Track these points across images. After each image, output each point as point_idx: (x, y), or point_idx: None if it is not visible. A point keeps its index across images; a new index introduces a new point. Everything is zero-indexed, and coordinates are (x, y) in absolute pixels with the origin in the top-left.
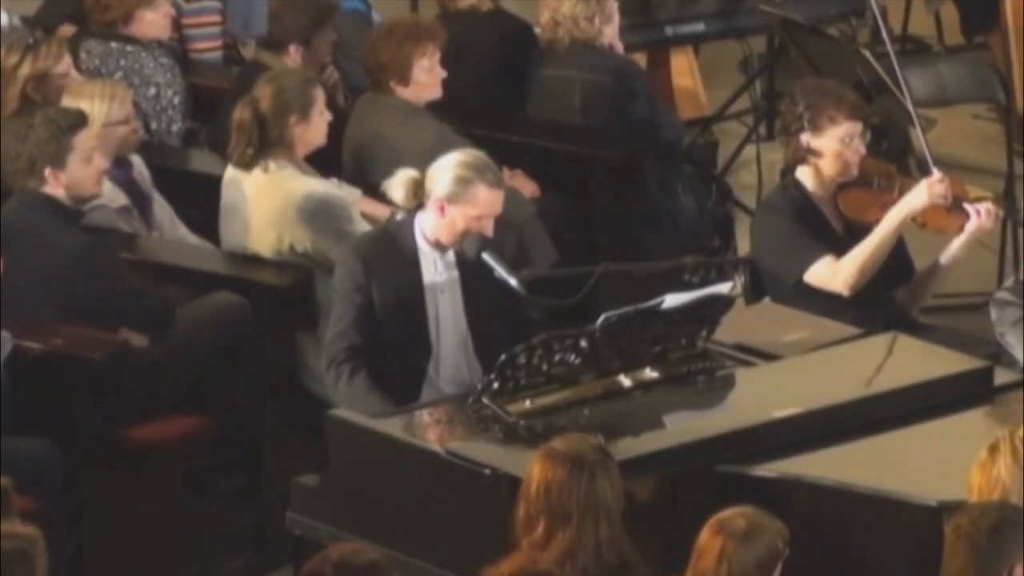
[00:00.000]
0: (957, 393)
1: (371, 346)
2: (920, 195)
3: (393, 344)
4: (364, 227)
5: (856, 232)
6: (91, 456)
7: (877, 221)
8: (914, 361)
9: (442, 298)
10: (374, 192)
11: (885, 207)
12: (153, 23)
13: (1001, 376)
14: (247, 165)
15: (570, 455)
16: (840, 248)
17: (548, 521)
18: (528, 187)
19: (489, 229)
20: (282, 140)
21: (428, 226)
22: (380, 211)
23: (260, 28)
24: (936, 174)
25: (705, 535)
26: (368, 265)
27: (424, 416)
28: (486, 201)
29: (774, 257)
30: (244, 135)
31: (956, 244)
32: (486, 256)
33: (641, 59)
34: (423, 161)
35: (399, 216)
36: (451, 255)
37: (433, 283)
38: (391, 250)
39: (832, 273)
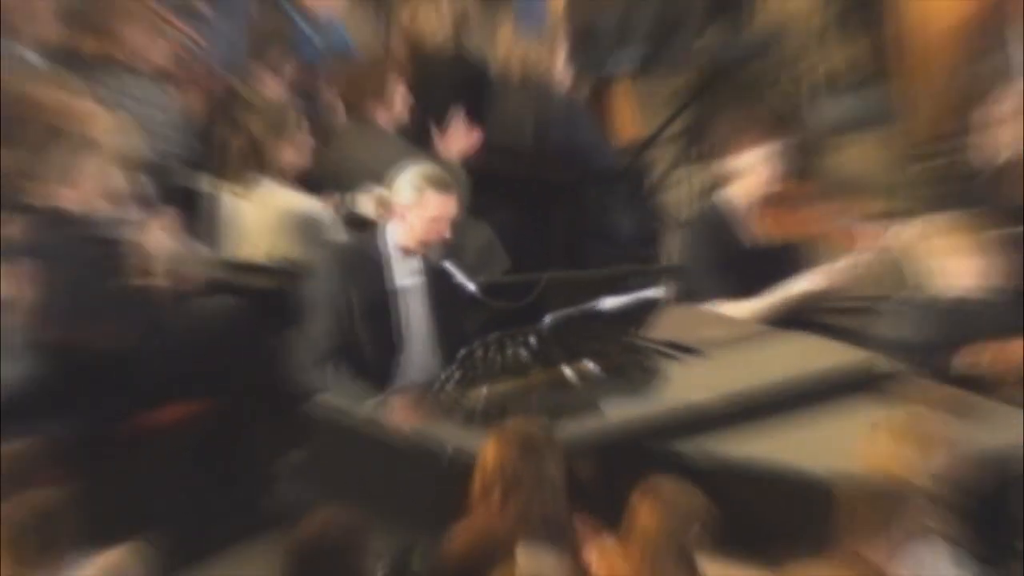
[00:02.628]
0: (845, 381)
1: (350, 342)
2: (819, 279)
3: (367, 341)
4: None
5: (766, 248)
6: (109, 435)
7: (793, 237)
8: (811, 353)
9: (411, 300)
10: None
11: (800, 224)
12: None
13: (882, 366)
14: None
15: (520, 437)
16: (750, 262)
17: (502, 493)
18: (466, 138)
19: (445, 231)
20: (272, 162)
21: (395, 234)
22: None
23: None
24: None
25: (636, 499)
26: (344, 272)
27: (396, 402)
28: (437, 204)
29: (696, 270)
30: (240, 159)
31: (835, 271)
32: (447, 264)
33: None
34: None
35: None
36: (417, 262)
37: (403, 287)
38: (363, 258)
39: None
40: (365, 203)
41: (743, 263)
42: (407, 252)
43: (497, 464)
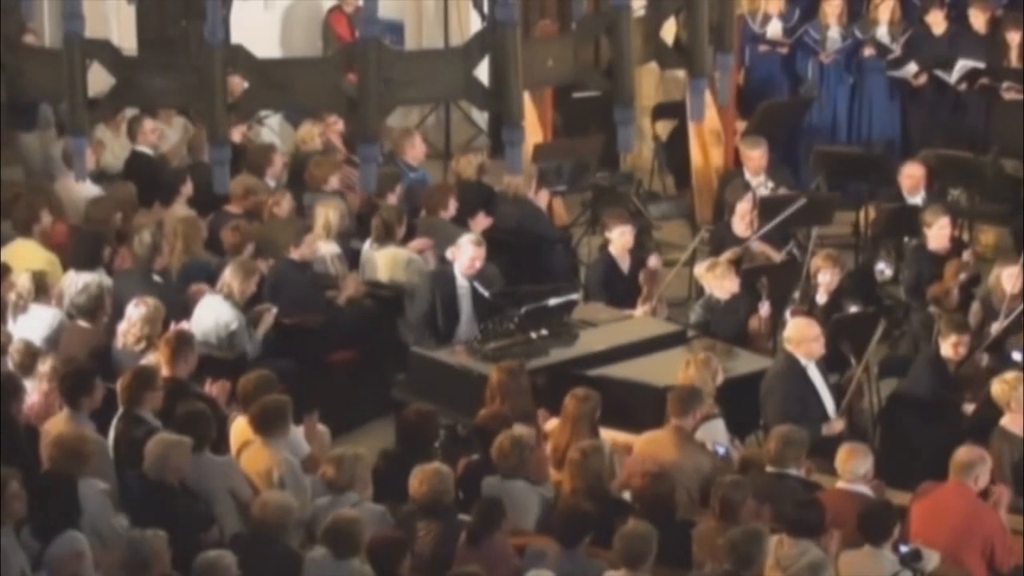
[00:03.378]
0: (671, 340)
1: (434, 319)
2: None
3: (444, 319)
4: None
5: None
6: (313, 367)
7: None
8: (653, 326)
9: (464, 301)
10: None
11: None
12: None
13: (689, 334)
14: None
15: (507, 369)
16: (626, 279)
17: (500, 399)
18: (484, 223)
19: (476, 265)
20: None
21: (458, 266)
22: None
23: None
24: None
25: (567, 400)
26: (434, 283)
27: (450, 350)
28: (470, 251)
29: (594, 287)
30: (382, 232)
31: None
32: (475, 284)
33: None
34: (451, 240)
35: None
36: (467, 281)
37: (461, 292)
38: (445, 277)
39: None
40: (450, 251)
41: (618, 282)
42: (463, 276)
43: (496, 383)
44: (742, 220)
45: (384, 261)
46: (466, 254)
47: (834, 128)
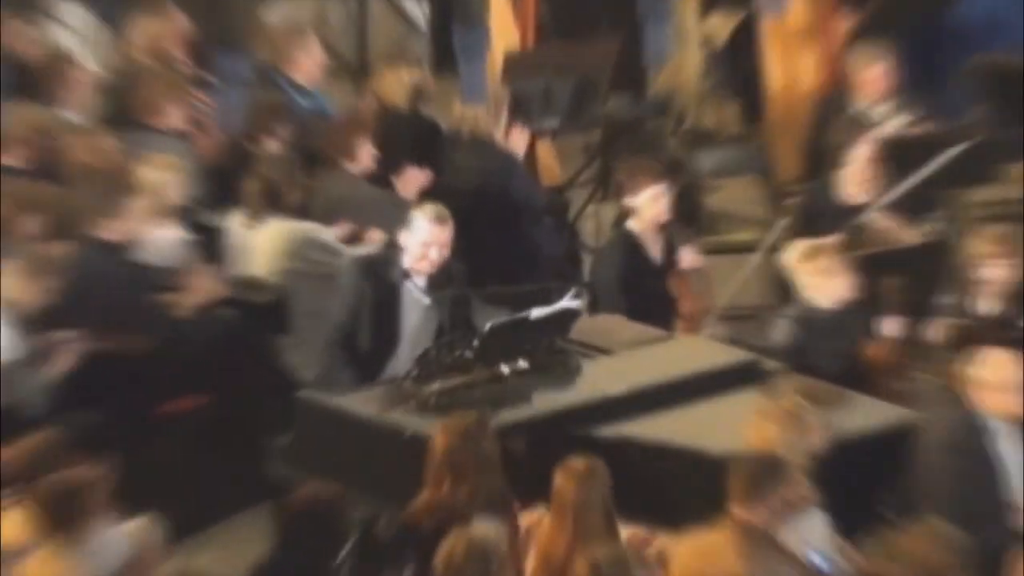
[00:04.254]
0: (735, 376)
1: (352, 336)
2: None
3: (368, 338)
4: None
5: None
6: (134, 423)
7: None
8: (707, 353)
9: (412, 306)
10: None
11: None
12: None
13: (766, 366)
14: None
15: (460, 428)
16: (657, 274)
17: (451, 477)
18: (418, 181)
19: (435, 255)
20: (277, 200)
21: (406, 257)
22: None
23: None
24: None
25: (558, 476)
26: (361, 276)
27: (366, 395)
28: (428, 231)
29: (606, 285)
30: (254, 199)
31: None
32: (408, 283)
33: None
34: (367, 211)
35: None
36: (419, 281)
37: (407, 297)
38: (381, 270)
39: None
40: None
41: (646, 279)
42: (411, 273)
43: (444, 453)
44: (855, 178)
45: (265, 245)
46: (417, 237)
47: (993, 29)
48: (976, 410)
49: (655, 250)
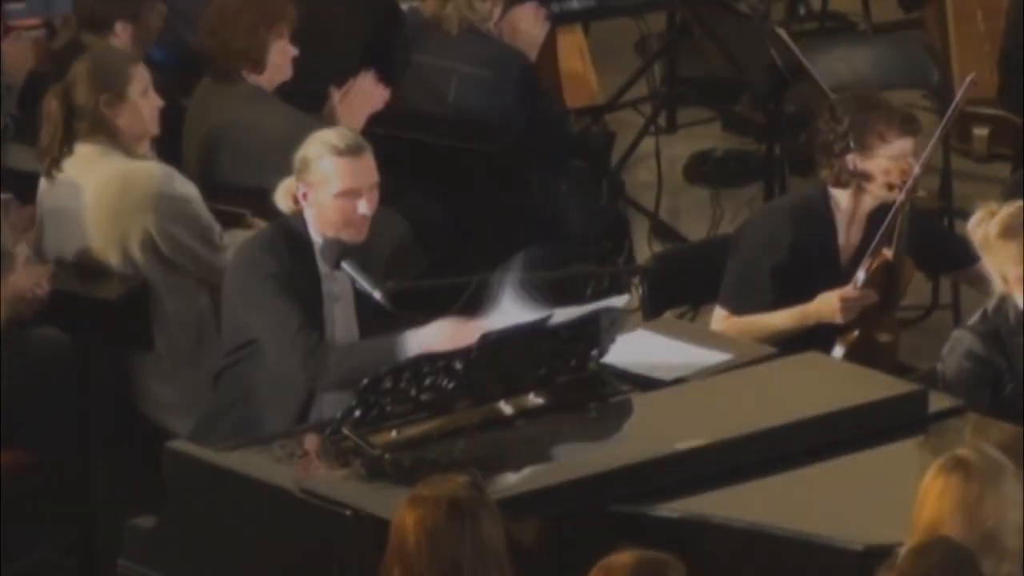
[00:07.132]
0: (887, 421)
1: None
2: (832, 312)
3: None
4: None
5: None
6: None
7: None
8: (838, 384)
9: (336, 306)
10: (222, 193)
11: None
12: None
13: (937, 402)
14: (57, 162)
15: (443, 500)
16: (838, 279)
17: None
18: (370, 99)
19: (364, 207)
20: (101, 126)
21: (311, 225)
22: None
23: (63, 4)
24: (851, 289)
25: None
26: (283, 264)
27: (276, 448)
28: (342, 171)
29: (743, 279)
30: (53, 127)
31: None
32: (345, 265)
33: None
34: (278, 152)
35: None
36: (349, 265)
37: (329, 290)
38: (296, 254)
39: (717, 324)
40: (280, 199)
41: (834, 283)
42: (329, 248)
43: (424, 544)
44: None
45: (93, 201)
46: (330, 187)
47: None
48: None
49: (853, 237)
